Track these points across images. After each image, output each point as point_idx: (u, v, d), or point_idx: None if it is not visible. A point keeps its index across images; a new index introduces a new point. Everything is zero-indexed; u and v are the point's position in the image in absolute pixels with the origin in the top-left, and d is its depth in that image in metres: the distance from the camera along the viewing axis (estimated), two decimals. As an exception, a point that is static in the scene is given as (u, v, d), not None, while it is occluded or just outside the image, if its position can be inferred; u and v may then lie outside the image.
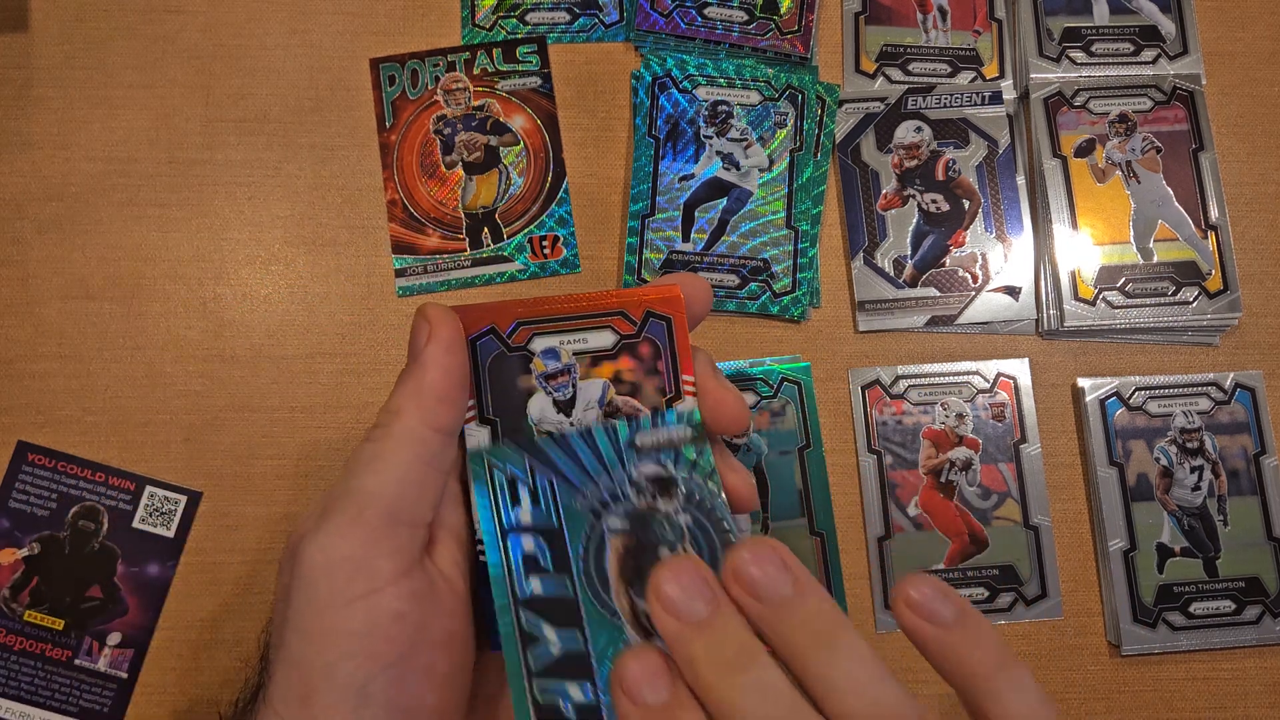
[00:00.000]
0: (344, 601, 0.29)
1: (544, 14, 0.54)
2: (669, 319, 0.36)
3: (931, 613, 0.29)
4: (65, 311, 0.50)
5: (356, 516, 0.30)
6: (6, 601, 0.47)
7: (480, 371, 0.36)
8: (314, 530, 0.30)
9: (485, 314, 0.36)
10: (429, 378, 0.32)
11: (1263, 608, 0.48)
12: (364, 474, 0.31)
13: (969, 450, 0.50)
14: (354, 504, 0.30)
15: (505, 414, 0.36)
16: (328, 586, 0.29)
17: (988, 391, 0.50)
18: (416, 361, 0.33)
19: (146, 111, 0.52)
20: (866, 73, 0.54)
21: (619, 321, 0.36)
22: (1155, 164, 0.53)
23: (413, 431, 0.32)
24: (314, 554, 0.30)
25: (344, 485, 0.31)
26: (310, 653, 0.29)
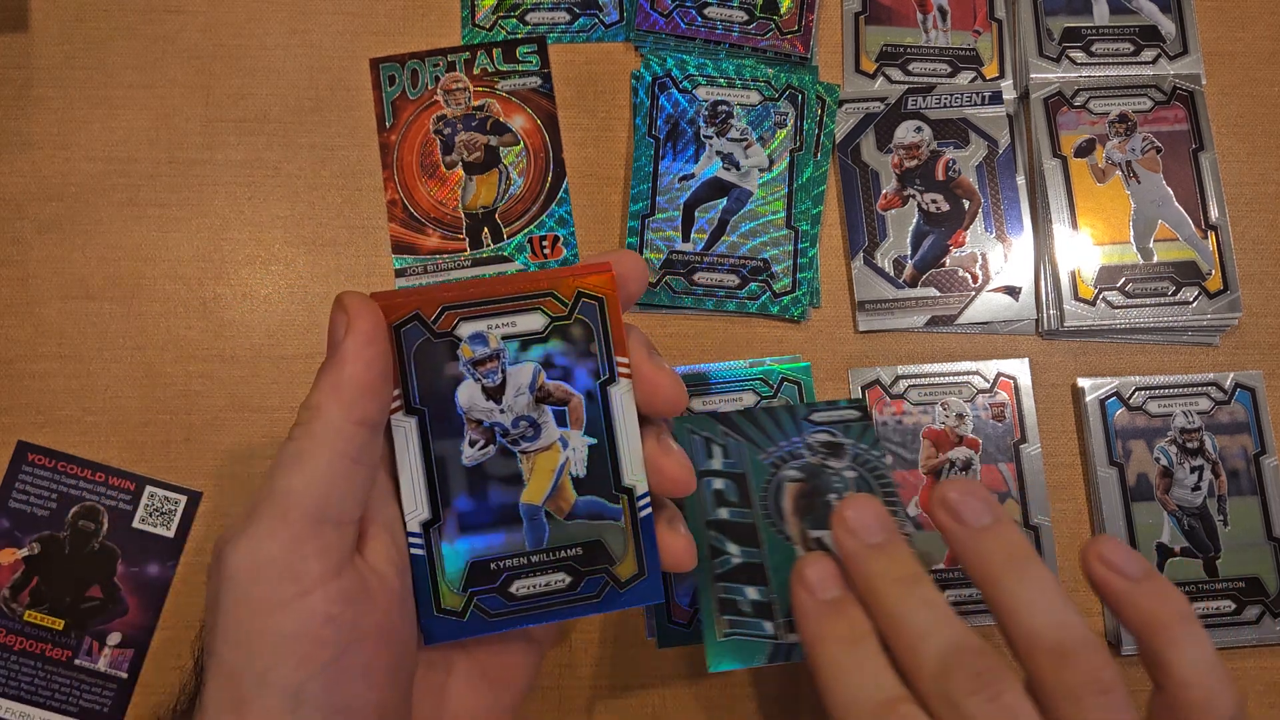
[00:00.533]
0: (272, 605, 0.29)
1: (544, 14, 0.55)
2: (601, 299, 0.35)
3: (1121, 567, 0.32)
4: (65, 311, 0.50)
5: (281, 517, 0.29)
6: (6, 601, 0.47)
7: (406, 359, 0.35)
8: (239, 534, 0.29)
9: (409, 299, 0.35)
10: (348, 371, 0.32)
11: (1263, 608, 0.48)
12: (287, 473, 0.30)
13: (969, 450, 0.50)
14: (278, 505, 0.29)
15: (433, 402, 0.35)
16: (256, 591, 0.29)
17: (988, 391, 0.50)
18: (335, 354, 0.32)
19: (146, 111, 0.52)
20: (866, 73, 0.54)
21: (549, 303, 0.35)
22: (1155, 164, 0.53)
23: (335, 427, 0.31)
24: (240, 558, 0.29)
25: (268, 486, 0.30)
26: (241, 659, 0.29)
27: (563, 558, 0.36)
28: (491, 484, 0.36)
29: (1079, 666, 0.30)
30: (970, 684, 0.29)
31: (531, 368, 0.37)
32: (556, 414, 0.37)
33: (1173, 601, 0.32)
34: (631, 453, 0.35)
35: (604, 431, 0.35)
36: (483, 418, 0.36)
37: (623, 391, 0.35)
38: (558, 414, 0.37)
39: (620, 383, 0.35)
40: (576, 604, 0.36)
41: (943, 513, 0.34)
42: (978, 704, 0.29)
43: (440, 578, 0.35)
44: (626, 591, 0.36)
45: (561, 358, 0.35)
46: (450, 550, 0.35)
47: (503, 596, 0.35)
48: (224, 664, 0.29)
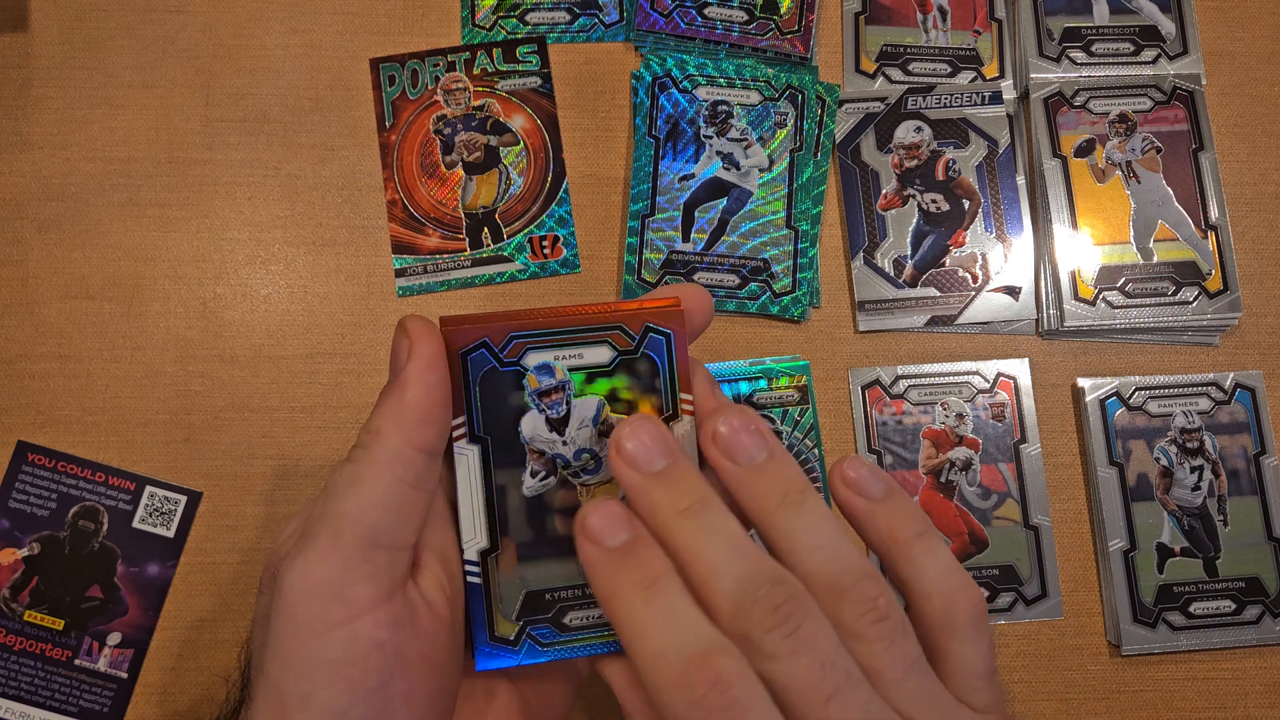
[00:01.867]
0: (323, 629, 0.29)
1: (544, 14, 0.54)
2: (669, 334, 0.35)
3: (863, 488, 0.31)
4: (65, 311, 0.50)
5: (334, 541, 0.29)
6: (6, 601, 0.47)
7: (471, 387, 0.35)
8: (293, 554, 0.29)
9: (478, 326, 0.34)
10: (410, 396, 0.31)
11: (1263, 608, 0.48)
12: (343, 497, 0.30)
13: (969, 450, 0.50)
14: (332, 528, 0.29)
15: (496, 431, 0.35)
16: (306, 613, 0.29)
17: (988, 391, 0.50)
18: (397, 379, 0.32)
19: (146, 111, 0.52)
20: (866, 73, 0.54)
21: (617, 336, 0.35)
22: (1155, 164, 0.53)
23: (394, 452, 0.31)
24: (293, 579, 0.29)
25: (322, 507, 0.30)
26: (288, 680, 0.29)
27: None
28: (550, 514, 0.36)
29: (854, 599, 0.29)
30: (767, 619, 0.28)
31: (596, 401, 0.36)
32: None
33: (910, 519, 0.31)
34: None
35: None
36: (545, 448, 0.36)
37: (685, 428, 0.34)
38: None
39: (683, 420, 0.34)
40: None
41: (714, 451, 0.31)
42: (776, 641, 0.27)
43: (496, 606, 0.35)
44: None
45: (627, 392, 0.35)
46: (506, 579, 0.35)
47: (555, 627, 0.35)
48: (272, 680, 0.29)
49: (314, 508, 0.30)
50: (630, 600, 0.29)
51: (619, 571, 0.29)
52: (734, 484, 0.31)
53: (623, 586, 0.29)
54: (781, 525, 0.30)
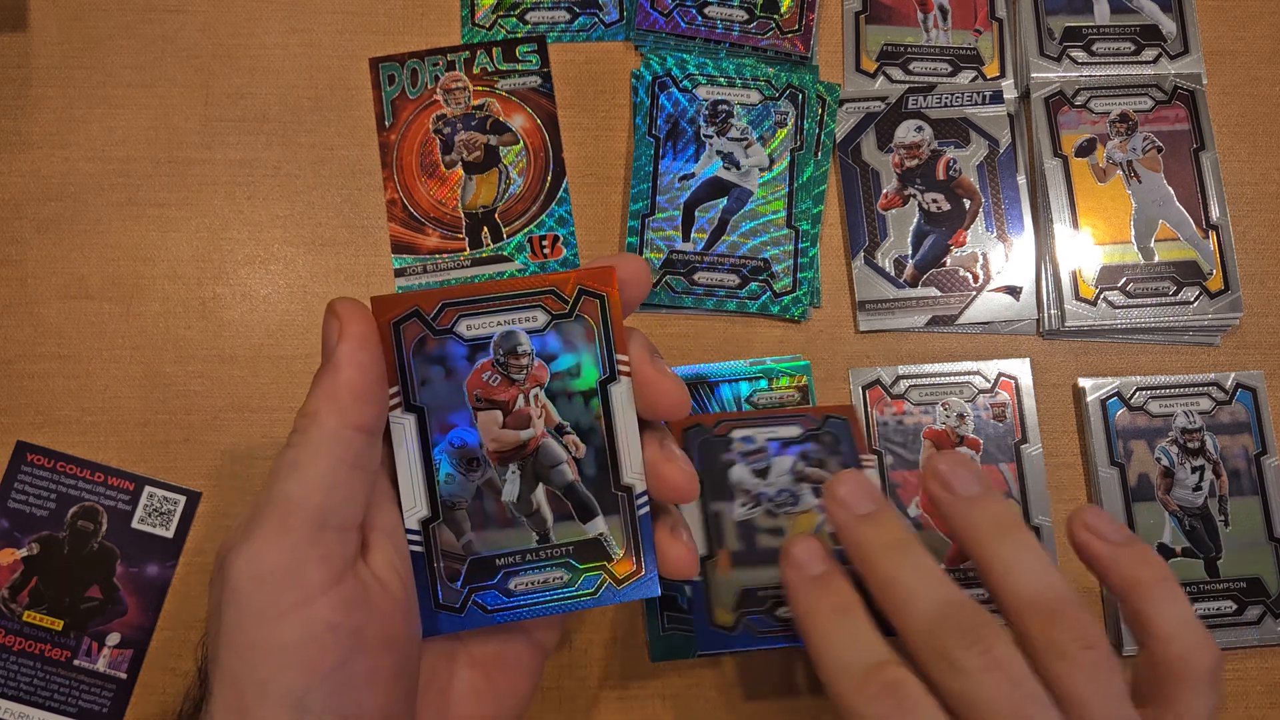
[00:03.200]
0: (275, 614, 0.29)
1: (544, 13, 0.54)
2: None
3: (1105, 533, 0.35)
4: (64, 311, 0.50)
5: (281, 525, 0.29)
6: (5, 602, 0.47)
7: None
8: (240, 542, 0.29)
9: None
10: (344, 376, 0.32)
11: (1264, 608, 0.48)
12: (286, 481, 0.30)
13: (970, 450, 0.50)
14: (278, 513, 0.29)
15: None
16: (257, 600, 0.29)
17: (988, 391, 0.50)
18: (330, 361, 0.32)
19: (145, 111, 0.52)
20: (867, 72, 0.54)
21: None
22: (1156, 163, 0.53)
23: (332, 433, 0.31)
24: (241, 567, 0.29)
25: (267, 493, 0.30)
26: (244, 668, 0.28)
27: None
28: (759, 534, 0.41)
29: (1066, 624, 0.31)
30: (962, 638, 0.31)
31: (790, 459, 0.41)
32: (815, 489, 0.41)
33: (1153, 564, 0.34)
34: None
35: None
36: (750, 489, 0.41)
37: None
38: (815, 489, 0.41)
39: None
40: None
41: (934, 484, 0.35)
42: (970, 657, 0.30)
43: (714, 599, 0.39)
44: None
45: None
46: (724, 579, 0.39)
47: (771, 619, 0.40)
48: (227, 672, 0.29)
49: (258, 496, 0.30)
50: (824, 619, 0.33)
51: (817, 595, 0.34)
52: (952, 513, 0.35)
53: (819, 608, 0.34)
54: (995, 550, 0.33)
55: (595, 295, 0.36)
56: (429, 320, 0.35)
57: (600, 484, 0.35)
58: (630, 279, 0.36)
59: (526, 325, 0.36)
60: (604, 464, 0.35)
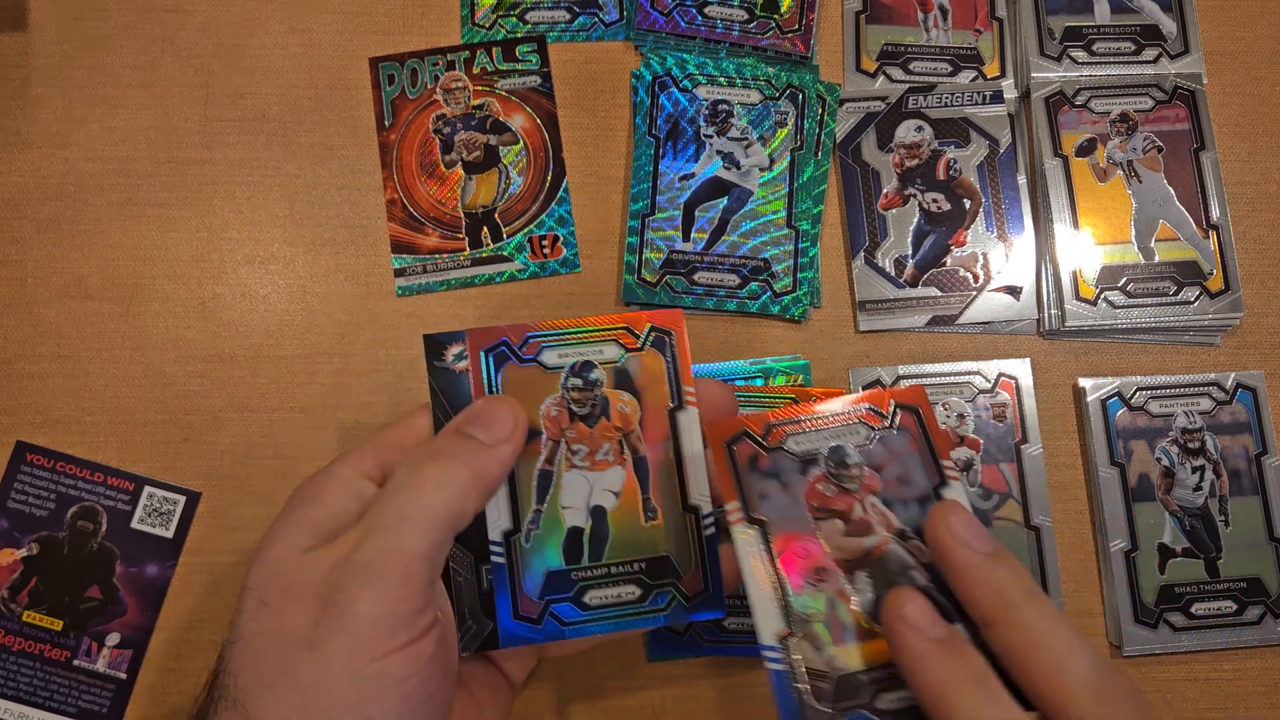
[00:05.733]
0: (389, 650, 0.31)
1: (544, 13, 0.54)
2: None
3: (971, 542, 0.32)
4: (64, 311, 0.50)
5: (405, 575, 0.32)
6: (5, 602, 0.47)
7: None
8: (360, 585, 0.31)
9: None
10: (496, 472, 0.35)
11: (1264, 608, 0.48)
12: (410, 534, 0.32)
13: (970, 450, 0.50)
14: (401, 564, 0.32)
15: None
16: (373, 640, 0.31)
17: (989, 392, 0.50)
18: (493, 452, 0.35)
19: (145, 111, 0.52)
20: (867, 72, 0.54)
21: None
22: (1156, 163, 0.53)
23: (462, 507, 0.34)
24: (363, 610, 0.31)
25: (385, 539, 0.32)
26: (340, 696, 0.30)
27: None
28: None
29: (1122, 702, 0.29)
30: (1135, 713, 0.29)
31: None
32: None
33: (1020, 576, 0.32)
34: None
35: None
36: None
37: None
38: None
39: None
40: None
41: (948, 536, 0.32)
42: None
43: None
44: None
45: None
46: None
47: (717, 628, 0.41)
48: (315, 699, 0.30)
49: (373, 536, 0.32)
50: (969, 695, 0.30)
51: (953, 665, 0.30)
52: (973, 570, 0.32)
53: (959, 680, 0.30)
54: (1029, 619, 0.31)
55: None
56: (759, 439, 0.36)
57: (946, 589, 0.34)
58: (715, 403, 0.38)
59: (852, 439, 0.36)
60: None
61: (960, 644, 0.31)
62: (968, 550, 0.32)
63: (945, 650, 0.31)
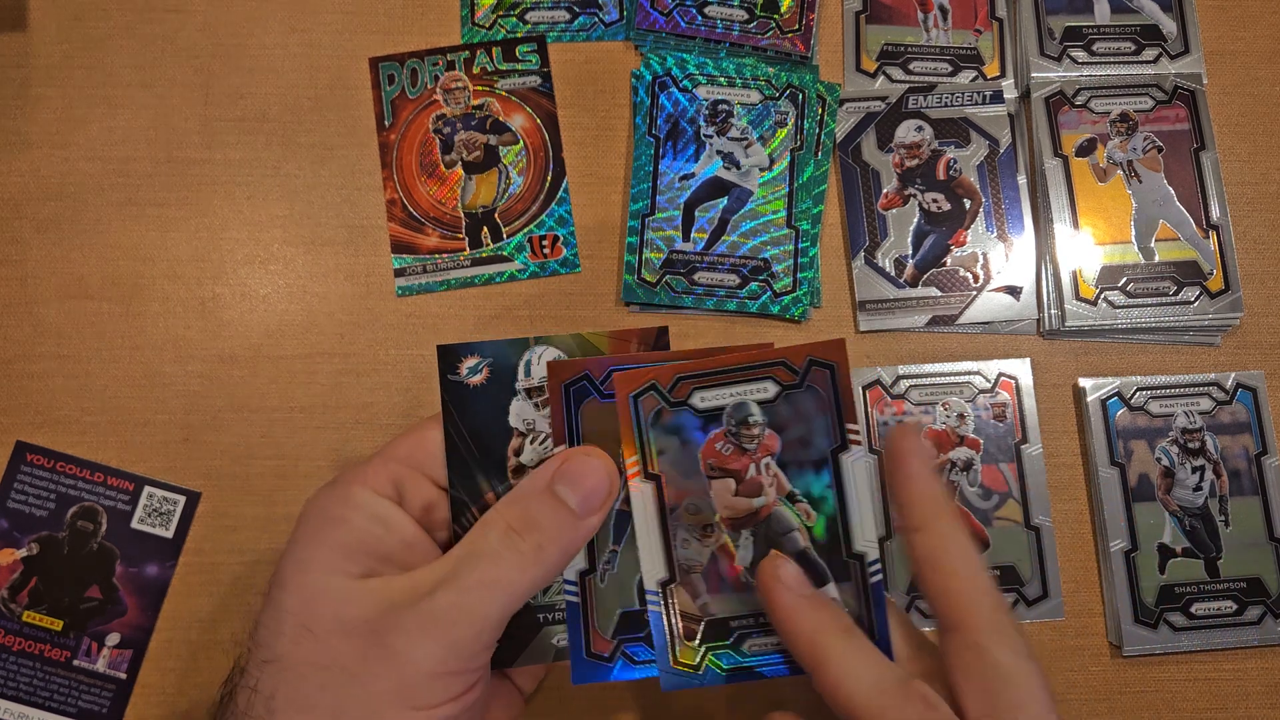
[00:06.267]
0: (436, 704, 0.31)
1: (543, 13, 0.54)
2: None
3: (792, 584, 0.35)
4: (64, 311, 0.50)
5: (475, 636, 0.32)
6: (5, 602, 0.47)
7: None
8: (426, 635, 0.31)
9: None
10: (582, 543, 0.35)
11: (1264, 608, 0.48)
12: (492, 601, 0.32)
13: (970, 450, 0.50)
14: (473, 627, 0.32)
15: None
16: (427, 693, 0.31)
17: (989, 391, 0.50)
18: (585, 525, 0.34)
19: (145, 111, 0.52)
20: (867, 72, 0.54)
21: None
22: (1156, 163, 0.53)
23: (546, 580, 0.34)
24: (424, 662, 0.31)
25: (461, 599, 0.32)
26: None
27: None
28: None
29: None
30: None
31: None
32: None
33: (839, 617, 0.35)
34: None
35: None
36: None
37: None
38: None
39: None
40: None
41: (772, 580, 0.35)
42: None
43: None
44: None
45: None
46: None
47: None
48: None
49: (446, 591, 0.32)
50: (838, 640, 0.33)
51: (822, 616, 0.33)
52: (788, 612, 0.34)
53: (828, 628, 0.33)
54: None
55: (825, 365, 0.36)
56: (665, 393, 0.35)
57: (831, 551, 0.36)
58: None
59: (758, 396, 0.36)
60: (835, 531, 0.35)
61: (827, 601, 0.34)
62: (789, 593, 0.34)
63: (814, 605, 0.34)
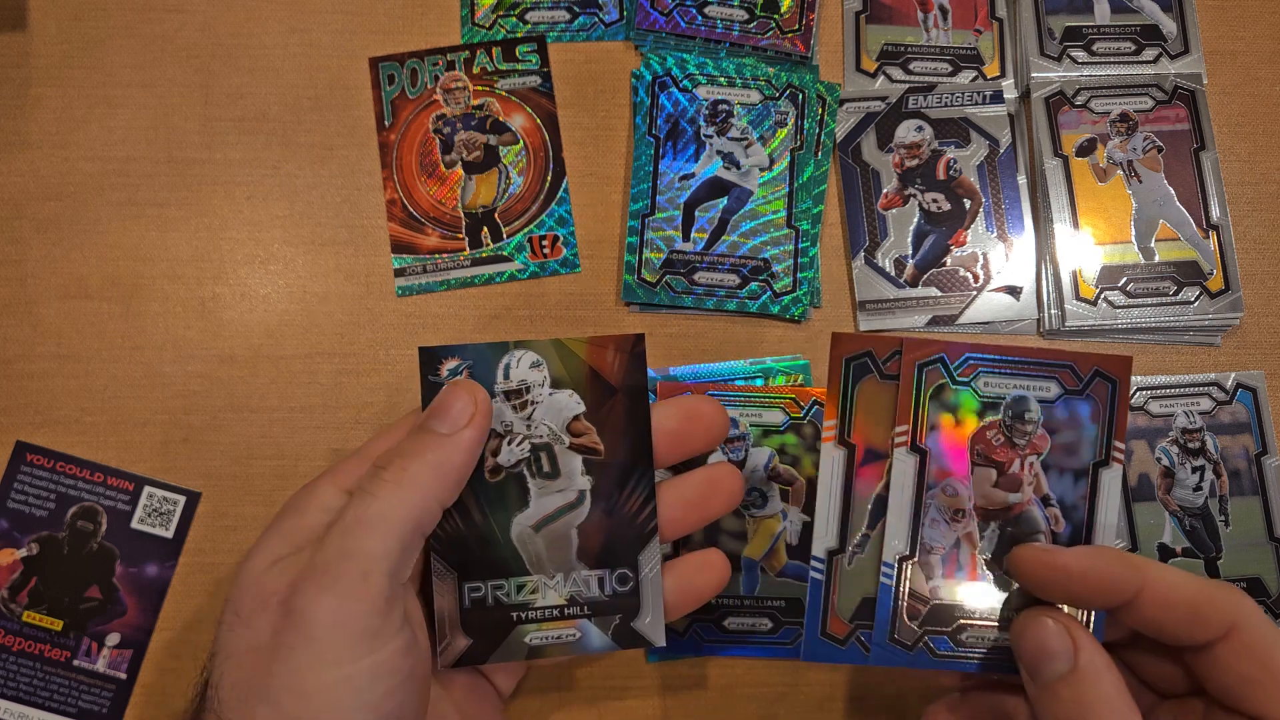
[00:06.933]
0: (350, 660, 0.30)
1: (544, 13, 0.54)
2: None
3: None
4: (63, 311, 0.50)
5: (363, 579, 0.31)
6: (5, 602, 0.47)
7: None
8: (316, 589, 0.31)
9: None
10: (459, 460, 0.34)
11: (1265, 608, 0.48)
12: (367, 536, 0.31)
13: (970, 450, 0.50)
14: (358, 566, 0.31)
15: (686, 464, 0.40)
16: (334, 648, 0.30)
17: (989, 391, 0.50)
18: (452, 440, 0.33)
19: (145, 111, 0.52)
20: (867, 72, 0.54)
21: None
22: (1156, 163, 0.53)
23: (423, 504, 0.33)
24: (321, 615, 0.30)
25: (343, 543, 0.31)
26: (310, 709, 0.30)
27: (769, 606, 0.45)
28: (722, 536, 0.45)
29: None
30: None
31: (767, 452, 0.46)
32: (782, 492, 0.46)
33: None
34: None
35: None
36: None
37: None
38: (783, 492, 0.46)
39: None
40: (773, 645, 0.45)
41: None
42: None
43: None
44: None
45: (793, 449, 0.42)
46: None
47: (717, 628, 0.44)
48: (284, 713, 0.30)
49: (330, 540, 0.32)
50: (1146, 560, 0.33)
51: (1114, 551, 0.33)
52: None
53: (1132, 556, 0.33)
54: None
55: (1109, 380, 0.36)
56: (951, 369, 0.36)
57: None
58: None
59: (1039, 394, 0.36)
60: (1078, 543, 0.36)
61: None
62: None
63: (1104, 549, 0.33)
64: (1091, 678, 0.31)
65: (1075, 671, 0.31)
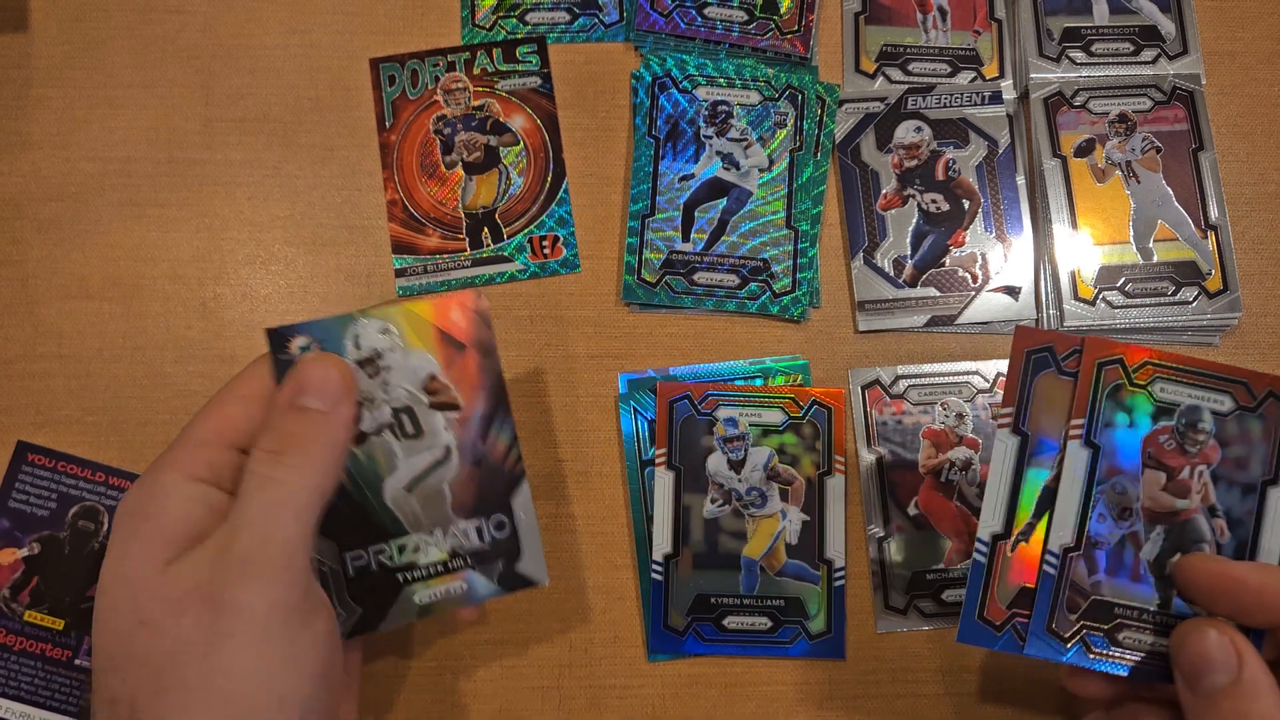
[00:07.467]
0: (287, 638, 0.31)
1: (544, 14, 0.54)
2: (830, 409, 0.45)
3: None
4: (65, 311, 0.50)
5: (287, 564, 0.32)
6: (6, 601, 0.47)
7: (673, 428, 0.46)
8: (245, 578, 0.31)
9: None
10: (344, 434, 0.34)
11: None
12: (282, 522, 0.32)
13: (969, 450, 0.50)
14: (281, 551, 0.32)
15: (687, 463, 0.46)
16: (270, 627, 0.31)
17: (988, 391, 0.50)
18: (335, 415, 0.34)
19: (146, 111, 0.52)
20: (866, 72, 0.54)
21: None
22: (1155, 164, 0.53)
23: (326, 483, 0.34)
24: (256, 601, 0.31)
25: (259, 531, 0.32)
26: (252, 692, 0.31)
27: (768, 606, 0.46)
28: (722, 535, 0.46)
29: None
30: None
31: (767, 451, 0.47)
32: (782, 491, 0.47)
33: None
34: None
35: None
36: (724, 483, 0.47)
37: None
38: (783, 491, 0.47)
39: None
40: (771, 644, 0.46)
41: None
42: None
43: (671, 602, 0.46)
44: (815, 643, 0.46)
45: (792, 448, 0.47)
46: (681, 582, 0.46)
47: (716, 627, 0.46)
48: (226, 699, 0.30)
49: (244, 531, 0.32)
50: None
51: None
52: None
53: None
54: None
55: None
56: (1129, 371, 0.36)
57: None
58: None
59: (1213, 406, 0.37)
60: (1241, 556, 0.36)
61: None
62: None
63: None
64: (1254, 692, 0.31)
65: (1238, 685, 0.31)
